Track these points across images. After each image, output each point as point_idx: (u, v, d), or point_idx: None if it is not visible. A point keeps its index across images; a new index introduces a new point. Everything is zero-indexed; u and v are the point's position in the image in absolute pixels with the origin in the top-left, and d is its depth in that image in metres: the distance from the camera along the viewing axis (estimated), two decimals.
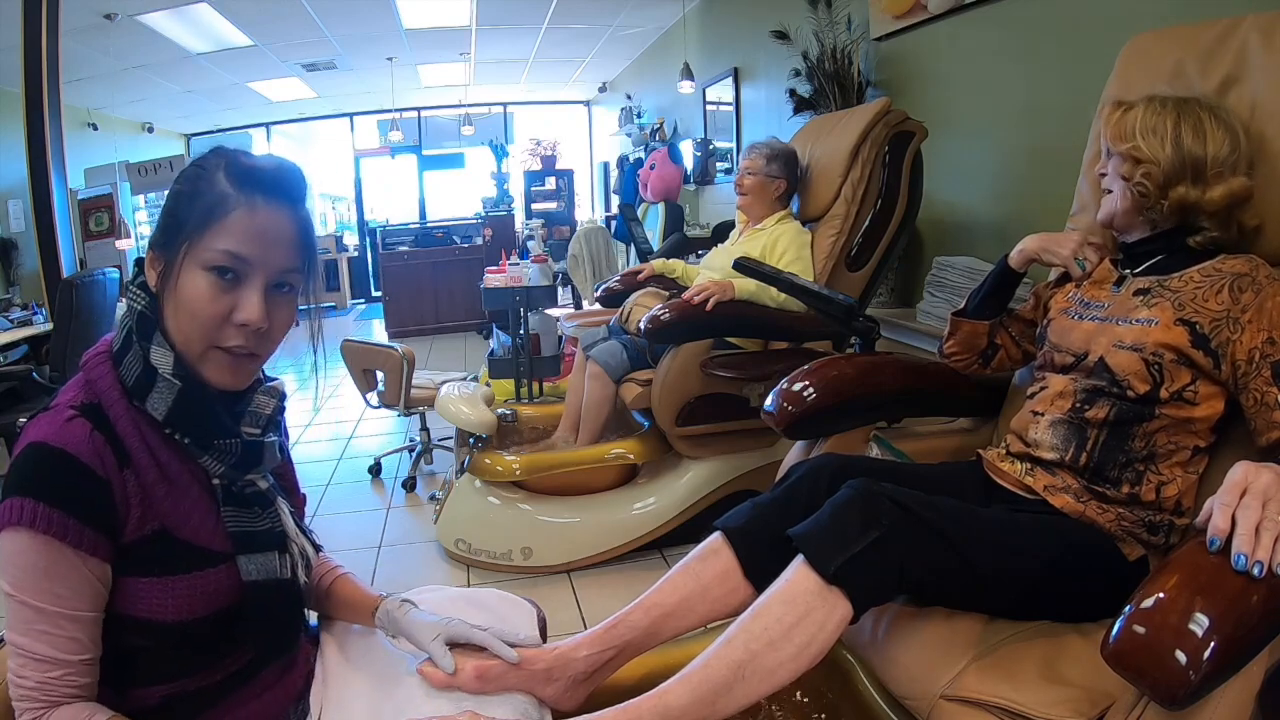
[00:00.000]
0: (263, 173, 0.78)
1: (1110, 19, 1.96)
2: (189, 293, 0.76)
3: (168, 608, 0.76)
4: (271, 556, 0.84)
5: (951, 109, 2.62)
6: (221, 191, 0.76)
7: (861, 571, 0.93)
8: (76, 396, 0.77)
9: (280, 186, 0.79)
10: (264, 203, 0.77)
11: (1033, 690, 0.92)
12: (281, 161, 0.81)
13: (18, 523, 0.69)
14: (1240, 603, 0.71)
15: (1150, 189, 1.11)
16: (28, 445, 0.73)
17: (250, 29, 5.16)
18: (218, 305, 0.77)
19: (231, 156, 0.79)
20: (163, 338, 0.78)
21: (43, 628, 0.71)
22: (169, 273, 0.77)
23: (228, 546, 0.81)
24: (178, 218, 0.77)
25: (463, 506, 2.37)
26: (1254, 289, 1.03)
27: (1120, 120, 1.14)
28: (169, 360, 0.77)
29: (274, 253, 0.78)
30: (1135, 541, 1.07)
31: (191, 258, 0.76)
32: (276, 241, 0.78)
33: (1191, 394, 1.05)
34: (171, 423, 0.78)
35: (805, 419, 1.37)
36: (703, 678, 0.91)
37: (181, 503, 0.79)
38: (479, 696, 0.90)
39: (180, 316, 0.77)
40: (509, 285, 3.15)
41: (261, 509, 0.85)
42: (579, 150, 9.70)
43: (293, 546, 0.88)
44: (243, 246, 0.76)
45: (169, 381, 0.77)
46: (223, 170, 0.77)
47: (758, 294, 2.10)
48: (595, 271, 4.58)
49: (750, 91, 4.57)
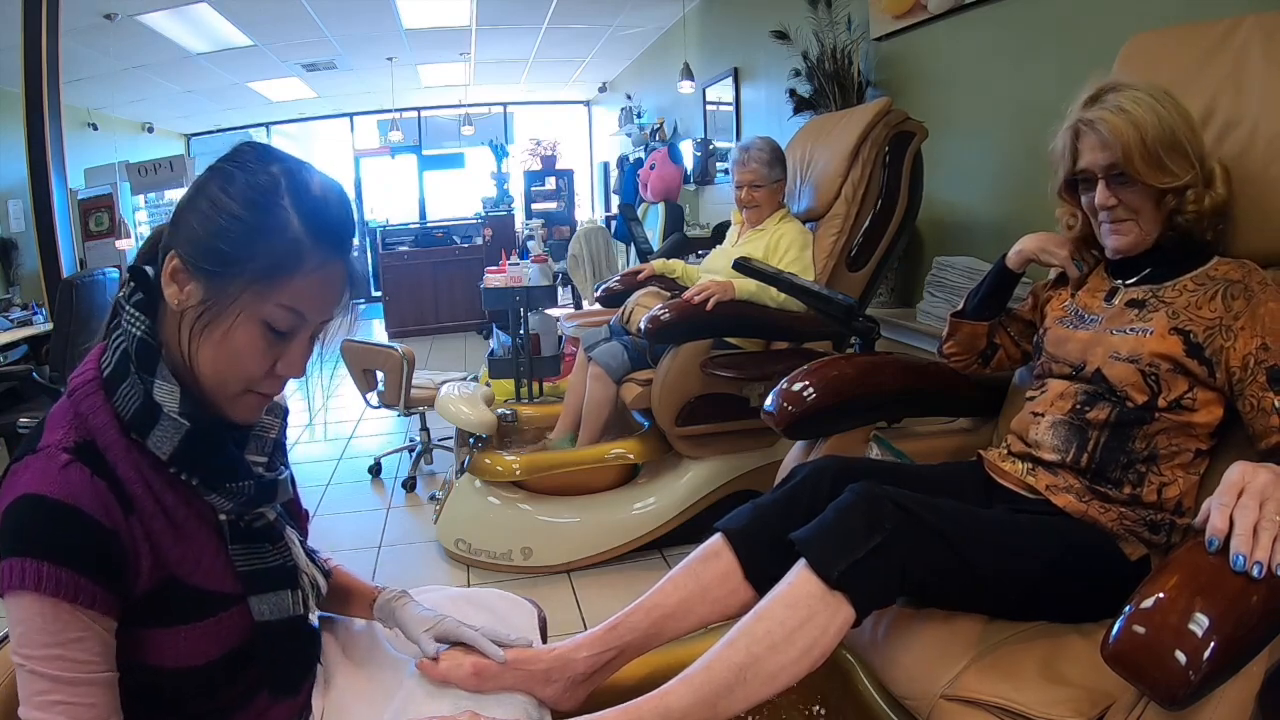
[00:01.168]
0: (337, 224, 0.73)
1: (1110, 19, 1.96)
2: (239, 342, 0.70)
3: (177, 654, 0.72)
4: (284, 595, 0.80)
5: (951, 109, 2.62)
6: (294, 239, 0.70)
7: (864, 576, 0.93)
8: (68, 435, 0.69)
9: (347, 237, 0.74)
10: (333, 259, 0.73)
11: (1033, 690, 0.92)
12: (343, 198, 0.75)
13: (21, 586, 0.63)
14: (1240, 603, 0.71)
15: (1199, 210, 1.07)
16: (22, 497, 0.66)
17: (250, 29, 5.16)
18: (266, 359, 0.72)
19: (299, 187, 0.71)
20: (168, 370, 0.72)
21: (58, 697, 0.64)
22: (214, 309, 0.70)
23: (238, 588, 0.77)
24: (238, 253, 0.69)
25: (463, 506, 2.37)
26: (1246, 296, 1.03)
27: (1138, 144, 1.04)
28: (175, 396, 0.71)
29: (329, 308, 0.75)
30: (1137, 541, 1.07)
31: (250, 307, 0.70)
32: (336, 297, 0.75)
33: (1190, 401, 1.05)
34: (177, 462, 0.72)
35: (805, 419, 1.37)
36: (704, 679, 0.91)
37: (189, 547, 0.73)
38: (478, 696, 0.90)
39: (220, 360, 0.71)
40: (509, 285, 3.16)
41: (271, 543, 0.81)
42: (579, 150, 9.69)
43: (303, 579, 0.84)
44: (308, 307, 0.72)
45: (175, 421, 0.71)
46: (292, 208, 0.70)
47: (758, 294, 2.10)
48: (595, 271, 4.58)
49: (750, 91, 4.57)
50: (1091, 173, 1.10)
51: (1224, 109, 1.20)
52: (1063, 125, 1.14)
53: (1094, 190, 1.11)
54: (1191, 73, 1.25)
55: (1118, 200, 1.09)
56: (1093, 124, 1.08)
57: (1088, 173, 1.11)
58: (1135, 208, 1.09)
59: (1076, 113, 1.11)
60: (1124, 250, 1.12)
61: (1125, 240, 1.11)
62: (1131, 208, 1.09)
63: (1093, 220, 1.16)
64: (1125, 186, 1.08)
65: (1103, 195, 1.09)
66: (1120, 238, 1.11)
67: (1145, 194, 1.07)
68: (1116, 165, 1.06)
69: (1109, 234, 1.12)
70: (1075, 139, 1.12)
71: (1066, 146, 1.13)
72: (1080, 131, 1.10)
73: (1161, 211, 1.08)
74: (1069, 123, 1.12)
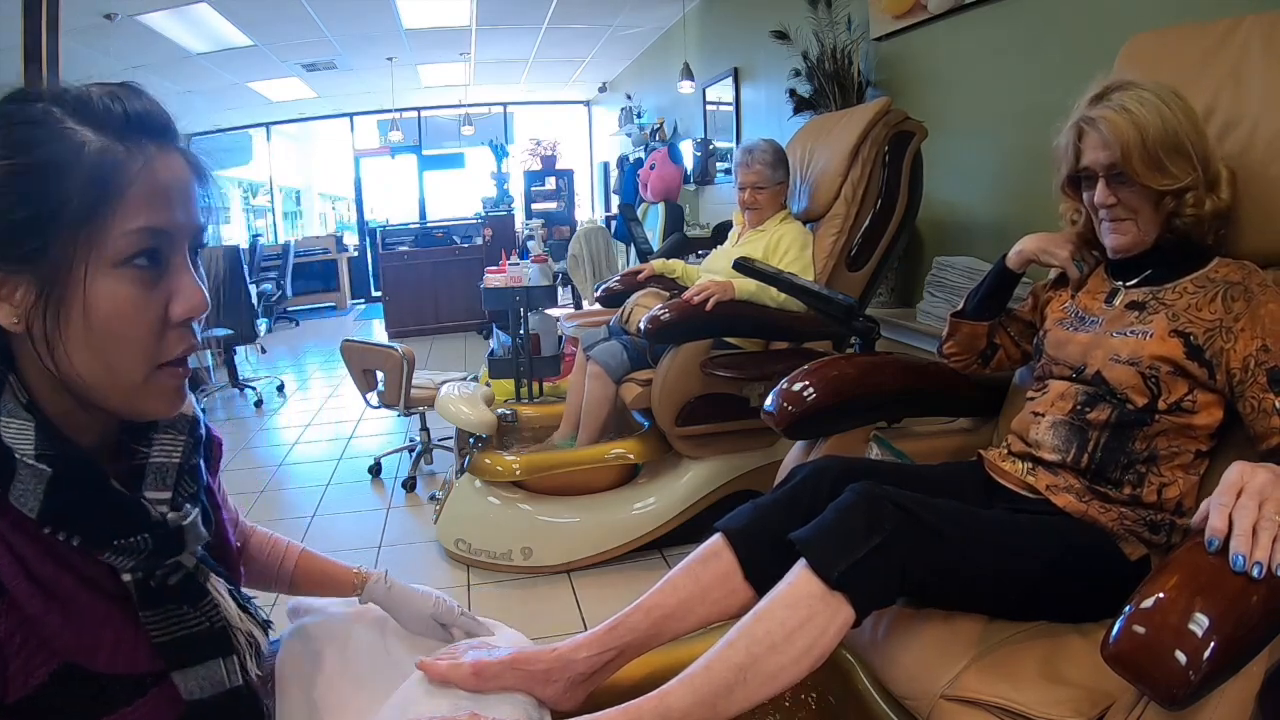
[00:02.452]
0: (141, 113, 0.58)
1: (1110, 19, 1.96)
2: (107, 308, 0.55)
3: None
4: (215, 665, 0.65)
5: (951, 109, 2.62)
6: (100, 151, 0.55)
7: (865, 577, 0.92)
8: None
9: (162, 121, 0.60)
10: (160, 150, 0.58)
11: (1033, 690, 0.92)
12: (135, 88, 0.60)
13: None
14: (1240, 603, 0.71)
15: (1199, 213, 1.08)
16: None
17: (250, 29, 5.16)
18: (151, 308, 0.57)
19: (77, 100, 0.56)
20: (18, 399, 0.56)
21: None
22: (56, 290, 0.54)
23: (157, 664, 0.62)
24: (42, 206, 0.53)
25: (463, 506, 2.37)
26: (1246, 297, 1.03)
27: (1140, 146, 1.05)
28: (28, 434, 0.56)
29: (187, 211, 0.60)
30: (1137, 540, 1.07)
31: (94, 258, 0.54)
32: (184, 191, 0.59)
33: (1190, 403, 1.05)
34: (49, 521, 0.56)
35: (805, 419, 1.37)
36: (704, 680, 0.90)
37: (84, 625, 0.58)
38: (479, 696, 0.90)
39: (98, 345, 0.56)
40: (509, 285, 3.16)
41: (192, 604, 0.64)
42: (579, 150, 9.70)
43: (238, 640, 0.68)
44: (158, 217, 0.57)
45: (34, 468, 0.55)
46: (80, 124, 0.55)
47: (758, 294, 2.10)
48: (595, 271, 4.58)
49: (750, 91, 4.57)
50: (1093, 171, 1.10)
51: (1224, 108, 1.20)
52: (1067, 121, 1.14)
53: (1095, 188, 1.11)
54: (1191, 72, 1.25)
55: (1117, 199, 1.09)
56: (1095, 122, 1.08)
57: (1089, 170, 1.11)
58: (1134, 208, 1.09)
59: (1081, 109, 1.11)
60: (1123, 249, 1.13)
61: (1124, 240, 1.11)
62: (1130, 207, 1.09)
63: (1094, 217, 1.16)
64: (1124, 186, 1.08)
65: (1102, 194, 1.09)
66: (1119, 237, 1.12)
67: (1144, 195, 1.07)
68: (1116, 165, 1.07)
69: (1108, 232, 1.13)
70: (1078, 136, 1.12)
71: (1070, 143, 1.14)
72: (1083, 129, 1.11)
73: (1160, 213, 1.08)
74: (1073, 119, 1.12)
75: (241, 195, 9.79)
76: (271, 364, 5.95)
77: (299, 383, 5.23)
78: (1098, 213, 1.13)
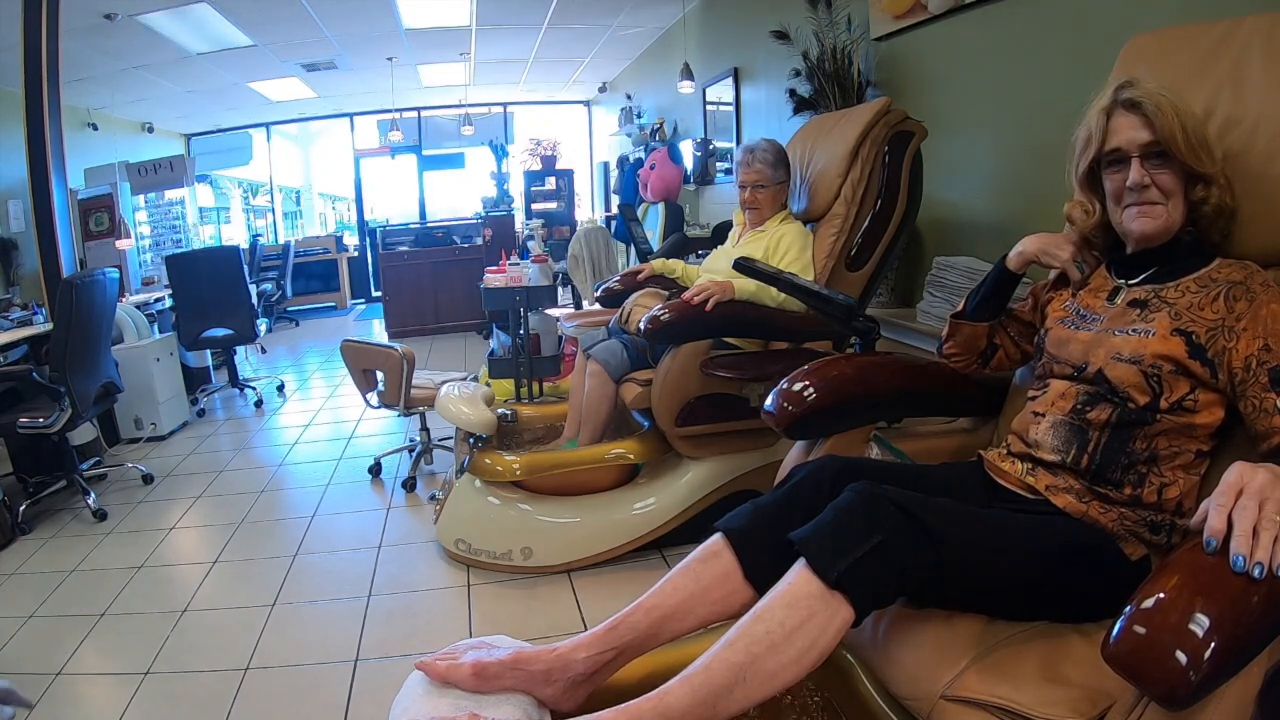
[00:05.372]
0: None
1: (1110, 19, 1.96)
2: None
3: None
4: None
5: (951, 109, 2.62)
6: None
7: (864, 576, 0.93)
8: None
9: None
10: None
11: (1033, 690, 0.92)
12: None
13: None
14: (1240, 603, 0.71)
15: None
16: None
17: (250, 29, 5.16)
18: None
19: None
20: None
21: None
22: None
23: None
24: None
25: (463, 506, 2.37)
26: (1248, 297, 1.03)
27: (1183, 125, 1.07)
28: None
29: None
30: (1137, 541, 1.06)
31: None
32: None
33: (1191, 403, 1.05)
34: None
35: (805, 419, 1.37)
36: (704, 680, 0.90)
37: None
38: (479, 696, 0.90)
39: None
40: (509, 285, 3.16)
41: None
42: (579, 150, 9.70)
43: None
44: None
45: None
46: None
47: (758, 294, 2.10)
48: (595, 271, 4.57)
49: (750, 91, 4.57)
50: (1125, 152, 1.10)
51: (1224, 108, 1.20)
52: (1091, 108, 1.14)
53: (1123, 171, 1.10)
54: (1192, 73, 1.25)
55: (1151, 181, 1.08)
56: (1136, 103, 1.08)
57: (1121, 152, 1.10)
58: (1168, 190, 1.09)
59: (1109, 96, 1.12)
60: (1149, 236, 1.11)
61: (1154, 224, 1.10)
62: (1164, 190, 1.09)
63: (1113, 208, 1.15)
64: (1161, 168, 1.08)
65: (1137, 174, 1.08)
66: (1148, 221, 1.10)
67: (1178, 178, 1.08)
68: (1158, 143, 1.07)
69: (1135, 217, 1.11)
70: (1108, 119, 1.12)
71: (1098, 127, 1.13)
72: (1115, 111, 1.11)
73: (1188, 201, 1.10)
74: (1101, 104, 1.12)
75: (241, 195, 9.80)
76: (271, 364, 5.95)
77: (299, 383, 5.23)
78: (1122, 200, 1.12)
